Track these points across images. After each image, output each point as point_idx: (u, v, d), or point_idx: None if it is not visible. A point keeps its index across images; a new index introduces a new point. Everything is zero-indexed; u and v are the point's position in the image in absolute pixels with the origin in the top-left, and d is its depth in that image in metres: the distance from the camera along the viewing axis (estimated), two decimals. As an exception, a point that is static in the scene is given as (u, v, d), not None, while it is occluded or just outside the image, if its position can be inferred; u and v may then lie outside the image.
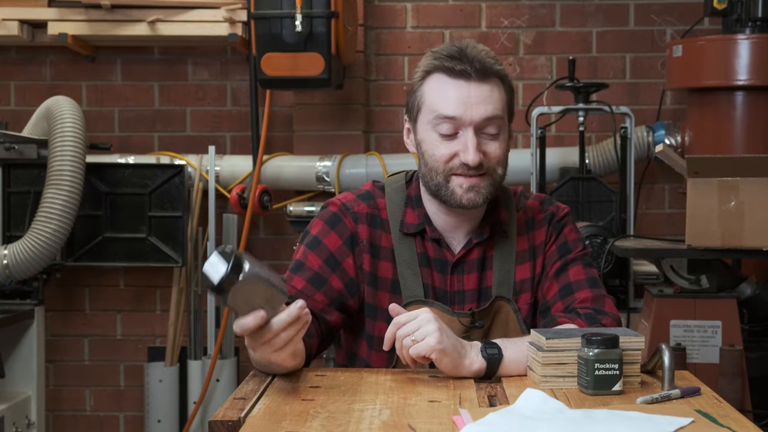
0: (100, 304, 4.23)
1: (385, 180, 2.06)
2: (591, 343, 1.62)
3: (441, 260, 1.96)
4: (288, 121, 4.16)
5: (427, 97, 1.90)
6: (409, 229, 1.97)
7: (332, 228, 1.97)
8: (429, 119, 1.90)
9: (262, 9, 3.62)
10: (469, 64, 1.86)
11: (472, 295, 1.95)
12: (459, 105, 1.86)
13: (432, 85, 1.90)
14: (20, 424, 3.69)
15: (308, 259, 1.95)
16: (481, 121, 1.87)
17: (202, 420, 3.96)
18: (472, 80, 1.86)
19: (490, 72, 1.87)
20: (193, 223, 3.99)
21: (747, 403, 3.03)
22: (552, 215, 2.02)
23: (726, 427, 1.45)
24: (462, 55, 1.87)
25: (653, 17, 4.11)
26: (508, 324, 1.95)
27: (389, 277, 1.95)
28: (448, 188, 1.89)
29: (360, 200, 2.00)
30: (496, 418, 1.46)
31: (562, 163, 3.89)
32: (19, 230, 3.81)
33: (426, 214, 1.97)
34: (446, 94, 1.87)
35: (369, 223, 1.97)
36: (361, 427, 1.45)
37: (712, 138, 3.61)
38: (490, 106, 1.87)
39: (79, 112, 3.70)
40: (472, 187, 1.88)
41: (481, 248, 1.97)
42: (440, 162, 1.89)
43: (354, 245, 1.95)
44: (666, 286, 3.27)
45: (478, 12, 4.15)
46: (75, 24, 3.91)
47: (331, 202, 2.01)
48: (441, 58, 1.88)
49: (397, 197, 2.01)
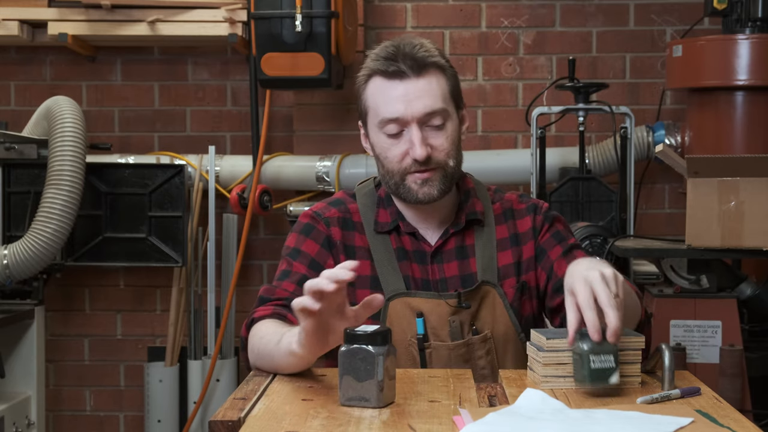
0: (100, 304, 4.23)
1: (356, 187, 2.11)
2: (585, 336, 1.61)
3: (419, 252, 2.00)
4: (288, 121, 4.16)
5: (370, 102, 1.95)
6: (383, 227, 2.01)
7: (307, 236, 2.02)
8: (375, 123, 1.95)
9: (262, 9, 3.62)
10: (402, 63, 1.89)
11: (454, 282, 1.98)
12: (399, 105, 1.90)
13: (372, 89, 1.94)
14: (20, 424, 3.69)
15: (294, 266, 1.99)
16: (422, 116, 1.90)
17: (202, 420, 3.96)
18: (407, 78, 1.90)
19: (424, 65, 1.90)
20: (193, 223, 3.99)
21: (747, 403, 3.03)
22: (535, 206, 2.07)
23: (726, 427, 1.45)
24: (396, 55, 1.90)
25: (653, 17, 4.11)
26: (495, 307, 1.99)
27: (368, 274, 1.97)
28: (404, 186, 1.94)
29: (331, 206, 2.06)
30: (496, 418, 1.46)
31: (562, 163, 3.89)
32: (19, 230, 3.82)
33: (398, 211, 2.02)
34: (385, 96, 1.91)
35: (341, 226, 2.02)
36: (361, 427, 1.45)
37: (712, 138, 3.61)
38: (429, 101, 1.90)
39: (79, 112, 3.70)
40: (425, 181, 1.93)
41: (459, 237, 2.02)
42: (394, 162, 1.94)
43: (331, 247, 2.00)
44: (666, 286, 3.27)
45: (478, 12, 4.14)
46: (75, 24, 3.91)
47: (302, 214, 2.07)
48: (376, 61, 1.93)
49: (368, 200, 2.05)
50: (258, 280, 4.21)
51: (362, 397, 1.53)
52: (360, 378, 1.53)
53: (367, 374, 1.53)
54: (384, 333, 1.55)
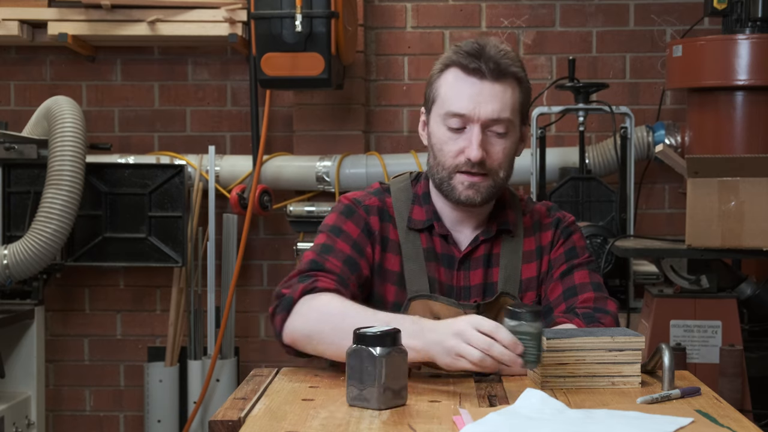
0: (100, 304, 4.23)
1: (390, 181, 2.09)
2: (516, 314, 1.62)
3: (448, 256, 1.98)
4: (288, 121, 4.16)
5: (442, 90, 1.94)
6: (417, 225, 1.99)
7: (349, 218, 1.99)
8: (440, 113, 1.93)
9: (262, 9, 3.62)
10: (484, 63, 1.89)
11: (477, 291, 1.97)
12: (469, 102, 1.89)
13: (447, 79, 1.93)
14: (20, 424, 3.69)
15: (337, 243, 1.95)
16: (488, 120, 1.89)
17: (202, 420, 3.96)
18: (485, 79, 1.89)
19: (505, 73, 1.90)
20: (193, 223, 3.99)
21: (747, 403, 3.03)
22: (559, 220, 2.05)
23: (726, 427, 1.45)
24: (480, 53, 1.89)
25: (653, 17, 4.11)
26: None
27: (396, 270, 1.97)
28: (450, 184, 1.93)
29: (371, 195, 2.03)
30: (496, 418, 1.46)
31: (562, 163, 3.89)
32: (19, 230, 3.82)
33: (435, 211, 2.00)
34: (459, 90, 1.90)
35: (379, 216, 1.99)
36: (361, 427, 1.45)
37: (712, 138, 3.61)
38: (498, 107, 1.89)
39: (79, 112, 3.70)
40: (472, 184, 1.91)
41: (488, 245, 2.00)
42: (448, 157, 1.92)
43: (370, 234, 1.97)
44: (666, 286, 3.27)
45: (478, 12, 4.14)
46: (75, 24, 3.91)
47: (341, 197, 2.04)
48: (460, 54, 1.92)
49: (403, 195, 2.03)
50: (258, 280, 4.21)
51: (364, 398, 1.53)
52: (363, 379, 1.53)
53: (370, 376, 1.53)
54: (393, 335, 1.54)
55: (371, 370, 1.52)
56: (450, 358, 1.63)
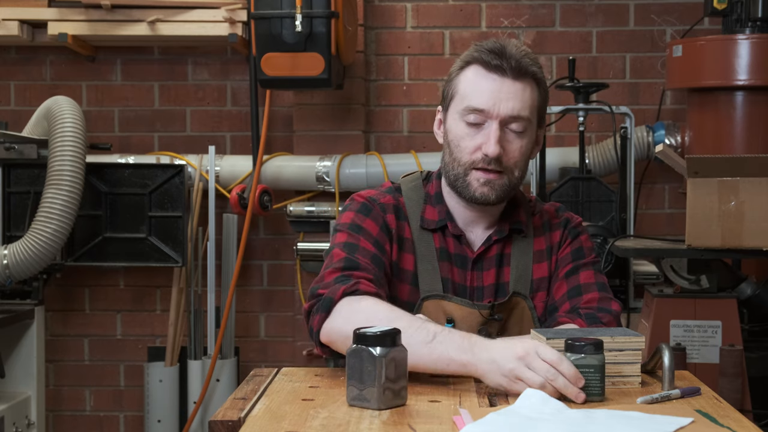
0: (100, 304, 4.23)
1: (401, 180, 2.08)
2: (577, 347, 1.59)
3: (461, 256, 1.98)
4: (288, 121, 4.16)
5: (462, 86, 1.94)
6: (430, 224, 1.99)
7: (367, 215, 1.97)
8: (459, 109, 1.93)
9: (262, 9, 3.62)
10: (506, 61, 1.90)
11: (490, 291, 1.97)
12: (489, 98, 1.90)
13: (468, 75, 1.94)
14: (20, 424, 3.69)
15: (360, 241, 1.93)
16: (506, 117, 1.90)
17: (202, 420, 3.96)
18: (506, 76, 1.90)
19: (525, 72, 1.92)
20: (193, 223, 3.99)
21: (747, 403, 3.03)
22: (567, 221, 2.06)
23: (726, 427, 1.45)
24: (502, 52, 1.91)
25: (653, 17, 4.11)
26: (523, 320, 1.98)
27: (410, 269, 1.97)
28: (465, 180, 1.93)
29: (385, 193, 2.03)
30: (496, 418, 1.45)
31: (562, 163, 3.89)
32: (19, 230, 3.82)
33: (448, 211, 2.00)
34: (479, 85, 1.91)
35: (395, 214, 1.99)
36: (361, 427, 1.45)
37: (712, 138, 3.61)
38: (518, 105, 1.90)
39: (79, 112, 3.70)
40: (488, 181, 1.92)
41: (500, 245, 2.00)
42: (465, 153, 1.92)
43: (388, 232, 1.97)
44: (666, 286, 3.27)
45: (478, 12, 4.14)
46: (75, 24, 3.91)
47: (354, 195, 2.03)
48: (481, 51, 1.93)
49: (414, 195, 2.03)
50: (258, 280, 4.21)
51: (364, 398, 1.53)
52: (363, 379, 1.53)
53: (370, 376, 1.52)
54: (393, 335, 1.54)
55: (371, 370, 1.52)
56: (506, 380, 1.61)
